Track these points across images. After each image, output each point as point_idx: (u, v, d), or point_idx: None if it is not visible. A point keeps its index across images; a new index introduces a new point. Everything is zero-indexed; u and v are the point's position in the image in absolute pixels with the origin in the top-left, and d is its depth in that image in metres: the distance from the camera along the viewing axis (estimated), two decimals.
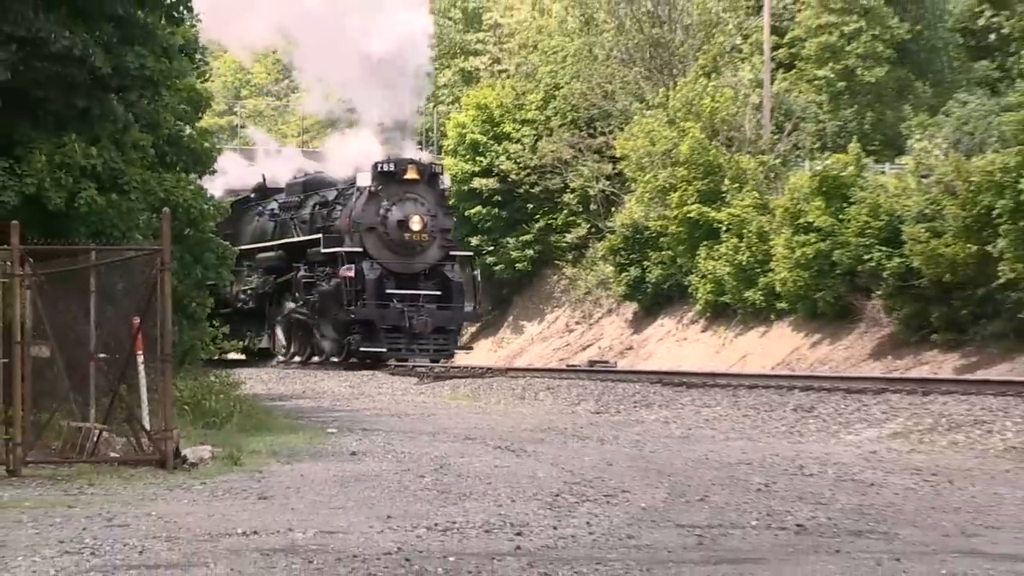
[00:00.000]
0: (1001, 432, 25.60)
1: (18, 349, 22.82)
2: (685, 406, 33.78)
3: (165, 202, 29.21)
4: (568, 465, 23.06)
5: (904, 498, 18.80)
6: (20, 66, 28.57)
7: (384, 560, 13.67)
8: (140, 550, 14.60)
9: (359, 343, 47.56)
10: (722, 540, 15.20)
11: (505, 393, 40.79)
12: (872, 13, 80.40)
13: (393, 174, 48.11)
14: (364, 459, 24.77)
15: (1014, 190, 42.91)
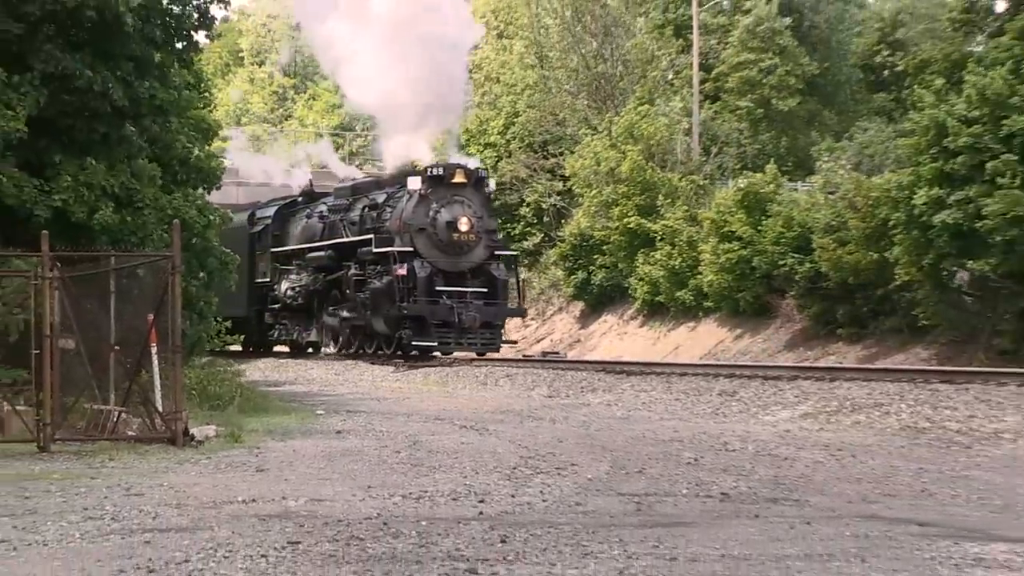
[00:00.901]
0: (897, 413, 25.67)
1: (47, 342, 22.91)
2: (625, 391, 33.77)
3: (174, 216, 29.19)
4: (524, 442, 23.05)
5: (814, 470, 18.84)
6: (50, 99, 28.58)
7: (365, 524, 13.68)
8: (154, 516, 14.62)
9: (410, 337, 45.46)
10: (657, 506, 15.21)
11: (469, 380, 40.78)
12: (785, 51, 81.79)
13: (442, 178, 46.33)
14: (348, 437, 24.76)
15: (907, 205, 43.37)
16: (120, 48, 29.65)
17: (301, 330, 55.68)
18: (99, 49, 29.44)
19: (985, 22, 76.26)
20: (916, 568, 11.11)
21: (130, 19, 29.15)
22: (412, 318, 44.68)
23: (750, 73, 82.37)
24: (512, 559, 11.61)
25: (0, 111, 27.07)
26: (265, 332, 58.89)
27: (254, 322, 58.70)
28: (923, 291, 44.91)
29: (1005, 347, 43.11)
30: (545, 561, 11.51)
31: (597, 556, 11.73)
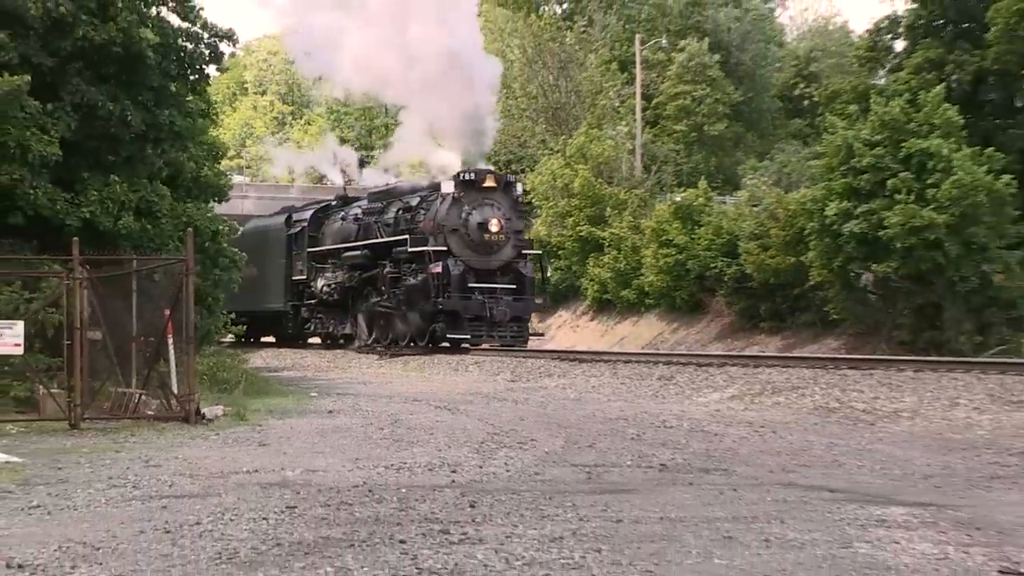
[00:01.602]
0: (811, 395, 25.69)
1: (78, 334, 22.88)
2: (578, 376, 33.76)
3: (188, 224, 29.26)
4: (490, 420, 23.01)
5: (740, 444, 18.84)
6: (79, 125, 28.62)
7: (353, 491, 13.67)
8: (170, 484, 14.62)
9: (444, 331, 43.76)
10: (605, 476, 15.19)
11: (443, 367, 40.69)
12: (715, 83, 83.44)
13: (473, 182, 44.68)
14: (338, 416, 24.69)
15: (820, 216, 44.42)
16: (141, 79, 29.68)
17: (336, 323, 53.75)
18: (123, 80, 29.46)
19: (886, 59, 76.62)
20: (827, 528, 11.13)
21: (151, 55, 29.23)
22: (446, 312, 43.34)
23: (685, 102, 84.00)
24: (480, 521, 11.61)
25: (37, 136, 27.09)
26: (302, 325, 57.04)
27: (291, 316, 57.28)
28: (833, 290, 45.79)
29: (904, 338, 44.03)
30: (508, 523, 11.50)
31: (553, 519, 11.73)
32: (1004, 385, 24.36)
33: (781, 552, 10.02)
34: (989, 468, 16.02)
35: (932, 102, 47.22)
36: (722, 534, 10.80)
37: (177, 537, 11.02)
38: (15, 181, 27.26)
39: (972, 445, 18.69)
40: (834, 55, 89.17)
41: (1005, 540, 10.55)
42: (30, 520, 12.24)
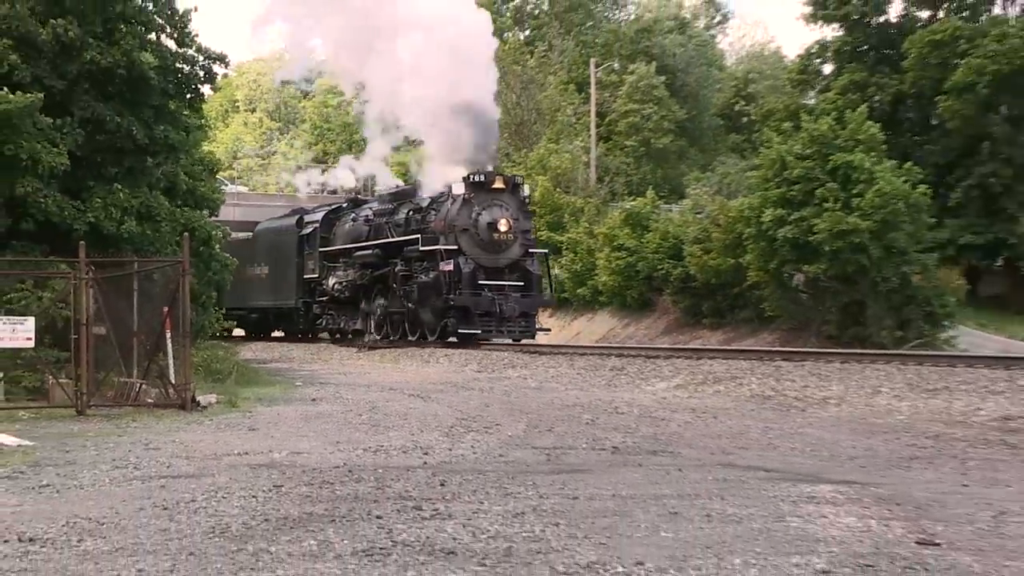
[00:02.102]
0: (748, 384, 25.74)
1: (84, 329, 22.90)
2: (538, 367, 33.76)
3: (185, 228, 29.35)
4: (459, 407, 22.98)
5: (684, 428, 18.85)
6: (86, 139, 28.76)
7: (334, 471, 13.65)
8: (168, 465, 14.57)
9: (456, 326, 42.06)
10: (563, 457, 15.19)
11: (416, 359, 40.65)
12: (661, 102, 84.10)
13: (483, 184, 42.92)
14: (320, 403, 24.64)
15: (757, 222, 45.29)
16: (143, 98, 29.92)
17: (347, 320, 51.83)
18: (126, 99, 29.65)
19: (816, 81, 77.46)
20: (763, 504, 11.15)
21: (151, 76, 29.49)
22: (458, 308, 41.66)
23: (634, 119, 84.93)
24: (450, 498, 11.60)
25: (47, 148, 27.17)
26: (313, 321, 55.18)
27: (302, 312, 55.31)
28: (769, 289, 46.45)
29: (831, 333, 44.80)
30: (475, 500, 11.49)
31: (516, 496, 11.73)
32: (921, 375, 24.47)
33: (721, 526, 10.04)
34: (907, 450, 16.07)
35: (856, 120, 48.26)
36: (668, 510, 10.81)
37: (174, 513, 11.00)
38: (28, 190, 27.32)
39: (892, 429, 18.74)
40: (769, 77, 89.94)
41: (922, 514, 10.59)
42: (40, 498, 12.20)
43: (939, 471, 13.86)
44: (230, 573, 8.43)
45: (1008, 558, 8.72)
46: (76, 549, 9.39)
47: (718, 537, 9.51)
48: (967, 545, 9.22)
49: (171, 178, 32.44)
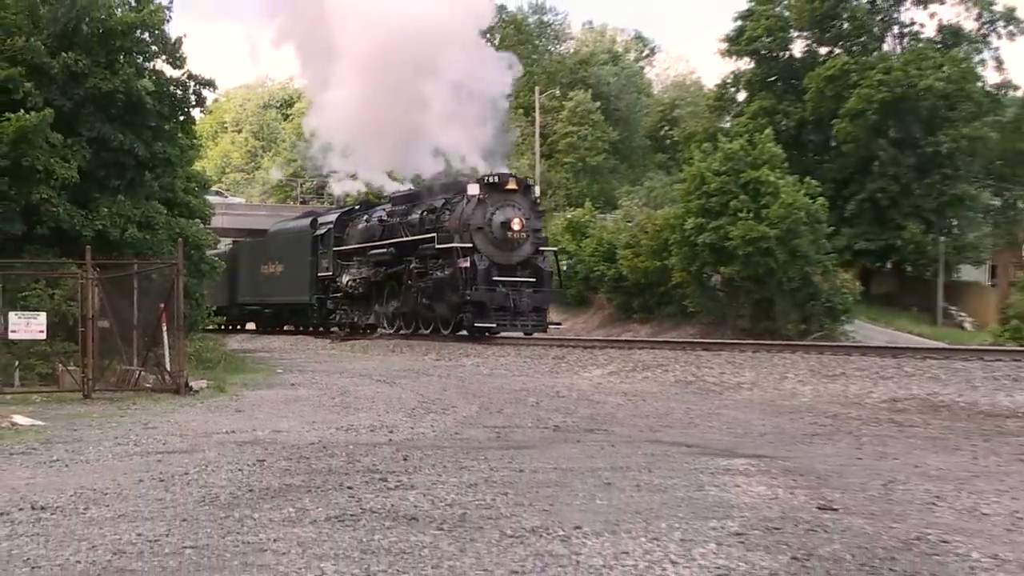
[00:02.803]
0: (673, 371, 25.81)
1: (90, 323, 22.93)
2: (490, 356, 33.76)
3: (180, 235, 29.49)
4: (420, 391, 22.97)
5: (616, 410, 18.87)
6: (92, 155, 29.03)
7: (310, 447, 13.63)
8: (163, 442, 14.51)
9: (472, 320, 39.34)
10: (511, 435, 15.18)
11: (382, 349, 40.59)
12: (596, 125, 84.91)
13: (496, 185, 40.29)
14: (298, 388, 24.59)
15: (681, 229, 46.49)
16: (141, 119, 30.00)
17: (361, 314, 48.67)
18: (126, 120, 29.74)
19: (731, 107, 78.37)
20: (685, 475, 11.16)
21: (149, 100, 29.57)
22: (474, 303, 39.03)
23: (573, 139, 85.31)
24: (412, 471, 11.58)
25: (59, 163, 27.45)
26: (326, 316, 51.83)
27: (316, 307, 52.15)
28: (691, 288, 47.37)
29: (744, 326, 45.70)
30: (434, 472, 11.47)
31: (469, 469, 11.71)
32: (822, 362, 24.58)
33: (649, 495, 10.04)
34: (810, 427, 16.14)
35: (763, 142, 49.05)
36: (603, 481, 10.81)
37: (169, 484, 10.95)
38: (42, 200, 27.51)
39: (797, 409, 18.83)
40: (690, 104, 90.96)
41: (822, 483, 10.63)
42: (51, 471, 12.12)
43: (837, 446, 13.92)
44: (218, 537, 8.38)
45: (895, 520, 8.76)
46: (83, 516, 9.34)
47: (646, 504, 9.52)
48: (860, 510, 9.25)
49: (168, 191, 32.55)
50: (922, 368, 22.70)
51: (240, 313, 59.59)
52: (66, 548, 8.07)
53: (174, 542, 8.22)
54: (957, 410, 18.14)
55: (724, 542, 7.97)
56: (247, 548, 7.96)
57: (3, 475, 11.98)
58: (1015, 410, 17.80)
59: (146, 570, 7.37)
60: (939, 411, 18.12)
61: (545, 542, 8.00)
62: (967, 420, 16.90)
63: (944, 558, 7.54)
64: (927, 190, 70.33)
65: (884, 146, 69.47)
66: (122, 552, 7.90)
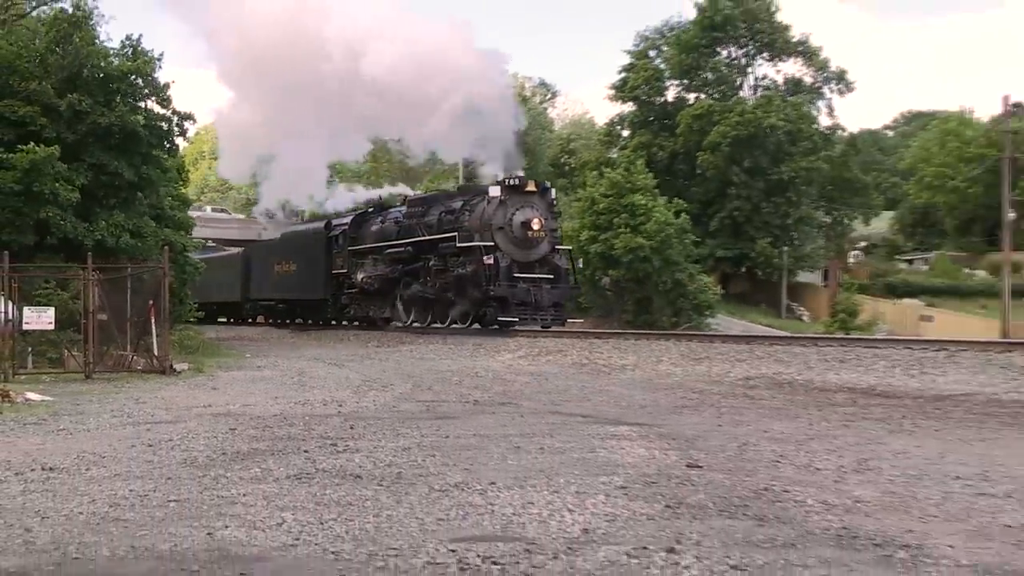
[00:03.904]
0: (570, 355, 25.83)
1: (91, 316, 22.88)
2: (421, 344, 33.66)
3: (166, 243, 29.65)
4: (364, 373, 22.87)
5: (524, 387, 18.88)
6: (92, 178, 29.30)
7: (273, 418, 13.54)
8: (152, 414, 14.37)
9: (495, 314, 35.06)
10: (438, 408, 15.14)
11: (333, 339, 40.35)
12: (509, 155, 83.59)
13: (517, 187, 36.28)
14: (263, 370, 24.42)
15: (578, 240, 48.25)
16: (134, 148, 30.50)
17: (376, 309, 43.92)
18: (121, 149, 30.17)
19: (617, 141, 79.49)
20: (580, 440, 11.18)
21: (140, 132, 30.04)
22: (497, 298, 34.83)
23: None
24: (357, 437, 11.53)
25: (64, 186, 27.87)
26: (340, 310, 46.89)
27: (331, 302, 47.26)
28: (585, 288, 46.87)
29: (628, 319, 46.67)
30: (375, 439, 11.43)
31: (404, 436, 11.67)
32: (690, 348, 24.76)
33: (551, 456, 10.06)
34: (680, 401, 16.23)
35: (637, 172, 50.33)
36: (513, 445, 10.81)
37: (156, 449, 10.85)
38: (50, 216, 27.78)
39: (670, 386, 18.93)
40: (585, 138, 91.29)
41: (690, 446, 10.69)
42: (58, 439, 11.98)
43: (701, 415, 14.01)
44: (197, 492, 8.31)
45: (747, 475, 8.84)
46: (84, 475, 9.24)
47: (548, 464, 9.53)
48: (720, 467, 9.32)
49: (157, 207, 32.70)
50: (769, 352, 22.96)
51: (253, 308, 56.41)
52: (70, 501, 8.00)
53: (160, 496, 8.15)
54: (797, 386, 18.33)
55: (611, 494, 8.00)
56: (221, 501, 7.91)
57: (18, 441, 11.85)
58: (841, 385, 18.02)
59: (137, 520, 7.29)
60: (783, 387, 18.30)
61: (466, 495, 8.00)
62: (804, 394, 17.08)
63: (786, 504, 7.61)
64: (774, 209, 72.27)
65: (739, 173, 71.19)
66: (117, 505, 7.83)
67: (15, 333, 22.66)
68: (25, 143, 27.39)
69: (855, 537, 6.56)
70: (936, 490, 8.14)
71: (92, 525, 7.13)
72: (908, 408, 14.57)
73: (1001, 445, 10.65)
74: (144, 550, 6.36)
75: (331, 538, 6.59)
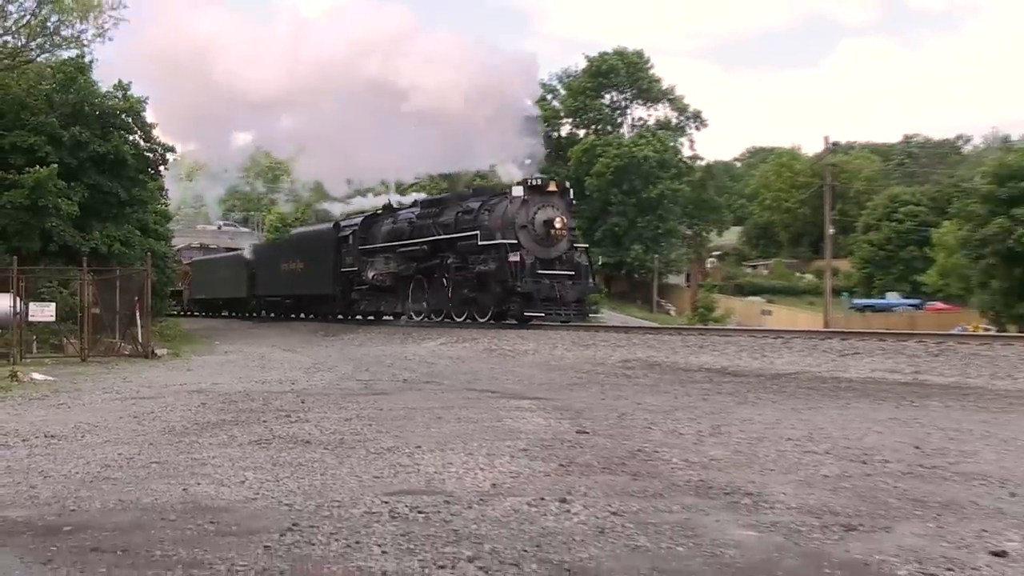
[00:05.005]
0: (482, 342, 25.80)
1: (86, 310, 22.92)
2: (360, 333, 33.54)
3: (149, 250, 29.70)
4: (313, 357, 22.73)
5: (444, 369, 18.82)
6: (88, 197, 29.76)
7: (238, 394, 13.40)
8: (137, 391, 14.16)
9: (520, 309, 30.70)
10: (374, 385, 15.05)
11: (286, 329, 40.04)
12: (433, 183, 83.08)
13: (539, 187, 31.61)
14: (230, 355, 24.19)
15: None
16: (125, 172, 31.31)
17: (386, 304, 38.60)
18: (113, 172, 30.84)
19: None
20: (490, 412, 11.17)
21: (130, 159, 30.61)
22: (521, 294, 30.52)
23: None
24: (307, 410, 11.42)
25: (65, 201, 28.01)
26: (349, 305, 41.15)
27: (339, 298, 41.63)
28: None
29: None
30: (322, 411, 11.33)
31: (346, 408, 11.59)
32: (580, 337, 24.93)
33: (466, 424, 10.05)
34: (571, 379, 16.29)
35: None
36: (435, 416, 10.78)
37: (141, 420, 10.67)
38: (53, 227, 27.96)
39: (563, 368, 19.01)
40: None
41: (579, 416, 10.73)
42: (59, 411, 11.74)
43: (588, 391, 14.08)
44: (174, 455, 8.18)
45: (625, 439, 8.89)
46: (80, 441, 9.07)
47: (463, 431, 9.52)
48: (604, 432, 9.36)
49: (143, 221, 32.58)
50: (643, 340, 23.16)
51: (258, 304, 52.08)
52: (68, 463, 7.85)
53: (143, 459, 8.03)
54: (665, 367, 18.51)
55: (515, 455, 8.00)
56: (194, 462, 7.80)
57: (25, 413, 11.62)
58: (701, 367, 18.22)
59: (124, 478, 7.17)
60: (654, 368, 18.46)
61: (397, 457, 7.96)
62: (672, 373, 17.25)
63: (655, 462, 7.67)
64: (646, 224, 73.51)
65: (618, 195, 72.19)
66: (107, 466, 7.70)
67: (23, 324, 22.47)
68: (32, 167, 27.48)
69: (710, 488, 6.63)
70: (773, 449, 8.25)
71: (86, 483, 7.03)
72: (752, 384, 14.77)
73: (822, 413, 10.85)
74: (130, 503, 6.29)
75: (285, 492, 6.54)
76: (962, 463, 7.63)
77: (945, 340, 19.15)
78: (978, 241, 57.64)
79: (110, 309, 24.59)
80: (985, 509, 6.03)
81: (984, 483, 6.83)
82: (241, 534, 5.41)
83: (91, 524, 5.71)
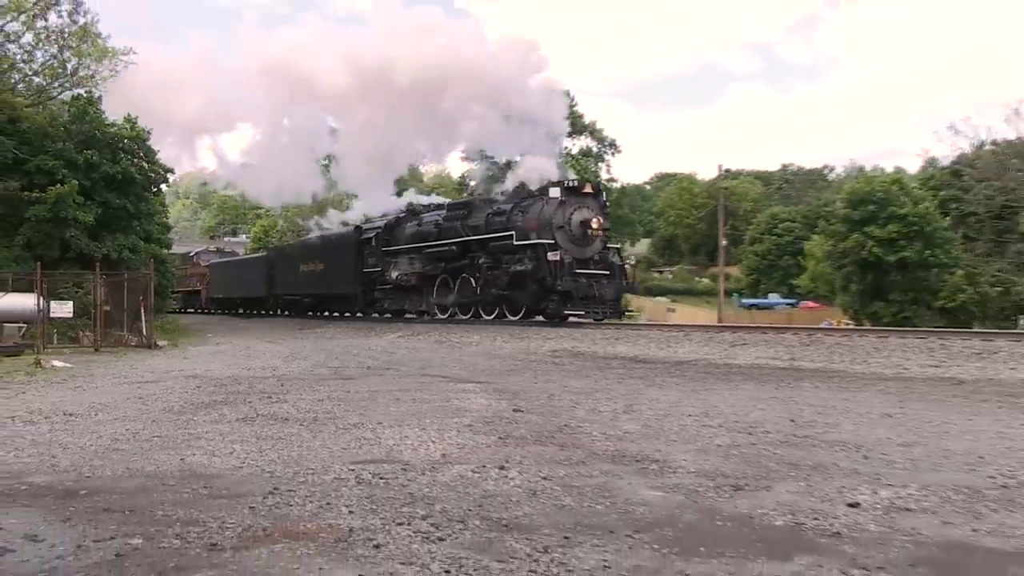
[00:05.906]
0: (433, 335, 25.72)
1: (99, 307, 22.44)
2: (330, 328, 33.28)
3: (153, 256, 29.43)
4: (292, 348, 22.44)
5: (402, 358, 18.70)
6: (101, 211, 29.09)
7: (227, 379, 13.19)
8: (141, 376, 13.91)
9: (558, 307, 27.03)
10: (343, 372, 14.91)
11: (266, 325, 39.56)
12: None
13: (575, 189, 27.94)
14: (222, 346, 23.82)
15: None
16: (132, 190, 30.82)
17: (411, 303, 34.72)
18: (122, 190, 30.33)
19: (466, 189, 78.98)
20: (441, 394, 11.13)
21: (137, 178, 30.42)
22: (560, 293, 26.91)
23: None
24: (286, 392, 11.29)
25: (83, 213, 27.63)
26: (371, 304, 37.31)
27: (361, 297, 37.74)
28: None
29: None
30: (299, 393, 11.21)
31: (319, 391, 11.47)
32: (516, 331, 24.93)
33: (420, 404, 10.01)
34: (509, 366, 16.28)
35: None
36: (394, 397, 10.73)
37: (145, 401, 10.48)
38: (71, 236, 27.53)
39: (502, 356, 19.00)
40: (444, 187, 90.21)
41: (515, 398, 10.73)
42: (75, 394, 11.48)
43: (523, 376, 14.09)
44: (173, 430, 8.06)
45: (554, 416, 8.91)
46: (94, 419, 8.89)
47: (418, 410, 9.48)
48: (536, 410, 9.38)
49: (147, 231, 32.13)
50: (569, 333, 23.23)
51: (276, 302, 48.42)
52: (84, 437, 7.70)
53: (147, 434, 7.89)
54: (588, 356, 18.58)
55: (461, 430, 7.99)
56: (190, 436, 7.69)
57: (47, 395, 11.36)
58: (617, 355, 18.34)
59: (131, 450, 7.05)
60: (578, 356, 18.53)
61: (361, 431, 7.91)
62: (592, 361, 17.33)
63: (579, 435, 7.70)
64: None
65: None
66: (117, 440, 7.56)
67: (45, 319, 22.13)
68: (53, 186, 27.38)
69: (624, 456, 6.68)
70: (676, 424, 8.33)
71: (99, 454, 6.90)
72: (659, 370, 14.90)
73: (716, 394, 10.97)
74: (136, 471, 6.20)
75: (267, 462, 6.48)
76: (827, 433, 7.77)
77: (815, 333, 19.49)
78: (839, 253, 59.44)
79: (119, 307, 24.27)
80: (844, 470, 6.15)
81: (844, 449, 6.98)
82: (230, 497, 5.36)
83: (103, 489, 5.63)
